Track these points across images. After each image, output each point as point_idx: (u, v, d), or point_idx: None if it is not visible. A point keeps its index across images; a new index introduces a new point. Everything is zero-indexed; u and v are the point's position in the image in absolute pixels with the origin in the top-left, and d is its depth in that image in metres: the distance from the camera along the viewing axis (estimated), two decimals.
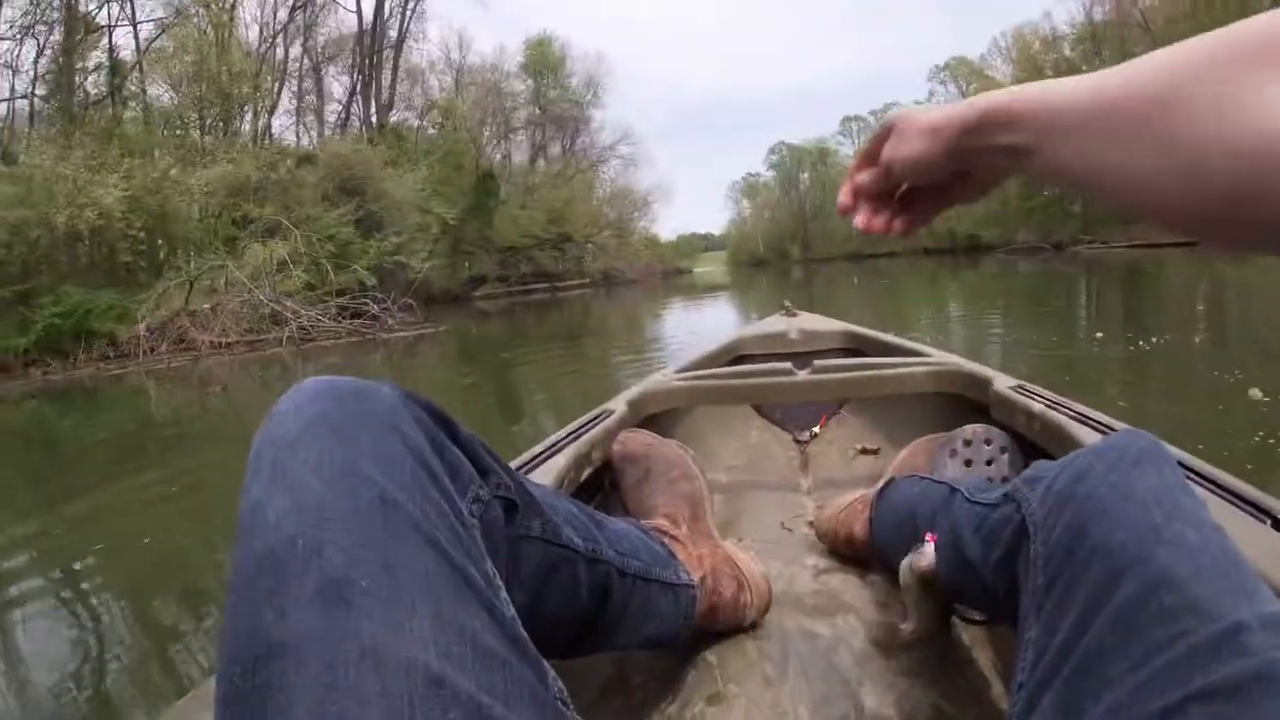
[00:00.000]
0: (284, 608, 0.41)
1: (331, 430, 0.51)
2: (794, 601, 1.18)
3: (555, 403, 6.11)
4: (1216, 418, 3.37)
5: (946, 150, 0.55)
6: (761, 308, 13.15)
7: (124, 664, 2.24)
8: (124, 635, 2.47)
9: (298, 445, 0.49)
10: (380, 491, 0.48)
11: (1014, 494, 0.78)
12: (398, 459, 0.51)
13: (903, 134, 0.58)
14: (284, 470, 0.48)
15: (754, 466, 1.91)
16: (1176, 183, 0.40)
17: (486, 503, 0.61)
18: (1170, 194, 0.40)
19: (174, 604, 2.73)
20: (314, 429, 0.50)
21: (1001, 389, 1.48)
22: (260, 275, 15.65)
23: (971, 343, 6.66)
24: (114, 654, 2.31)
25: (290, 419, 0.52)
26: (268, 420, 0.53)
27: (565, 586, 0.74)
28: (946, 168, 0.56)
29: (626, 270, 38.69)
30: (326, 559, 0.43)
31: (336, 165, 22.80)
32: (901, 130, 0.58)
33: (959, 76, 59.10)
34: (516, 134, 44.51)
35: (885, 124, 0.61)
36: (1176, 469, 0.67)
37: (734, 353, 2.37)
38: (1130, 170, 0.42)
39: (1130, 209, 0.45)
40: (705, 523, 1.18)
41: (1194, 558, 0.57)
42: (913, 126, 0.57)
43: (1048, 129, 0.47)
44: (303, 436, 0.50)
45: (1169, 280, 14.72)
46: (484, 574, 0.52)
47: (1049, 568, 0.66)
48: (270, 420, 0.53)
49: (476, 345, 12.77)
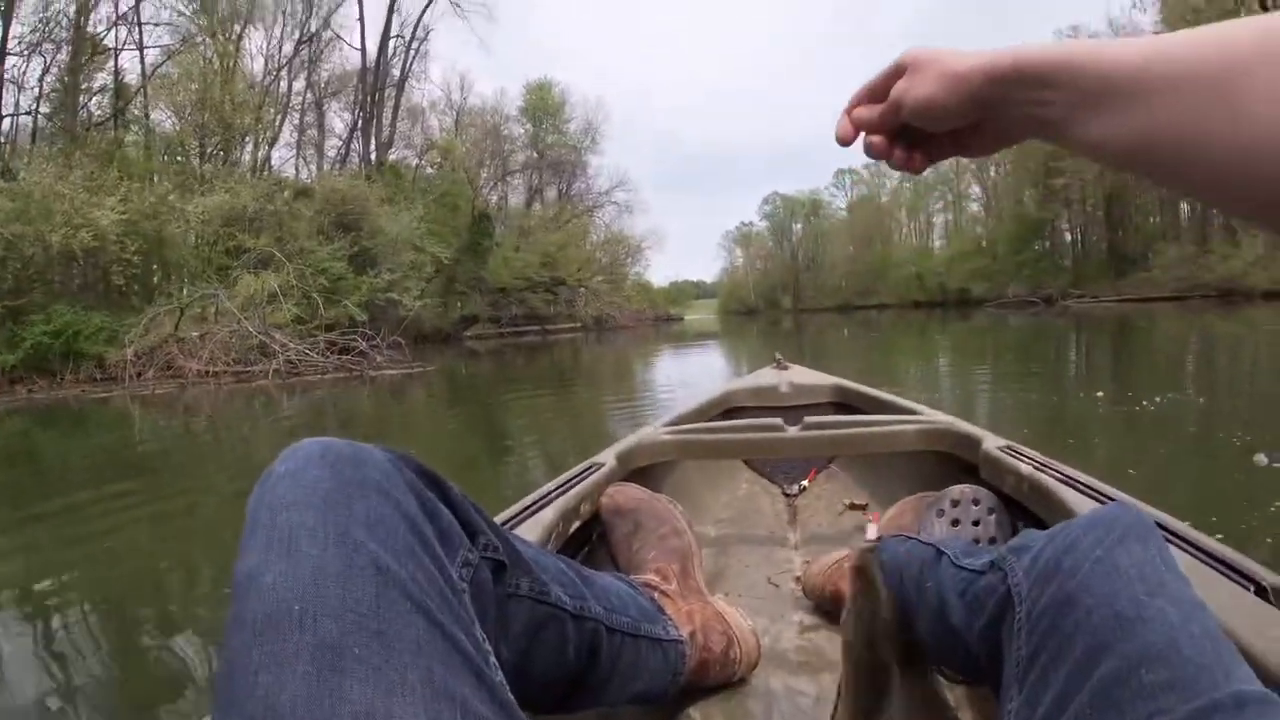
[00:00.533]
0: (279, 673, 0.42)
1: (327, 496, 0.52)
2: (779, 658, 1.18)
3: (544, 446, 6.09)
4: (1232, 485, 3.28)
5: (969, 99, 0.51)
6: (752, 358, 13.20)
7: (88, 689, 2.19)
8: (90, 657, 2.41)
9: (294, 510, 0.51)
10: (374, 559, 0.49)
11: (1001, 562, 0.79)
12: (391, 526, 0.53)
13: (921, 73, 0.54)
14: (280, 536, 0.49)
15: (743, 520, 1.91)
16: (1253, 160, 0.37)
17: (475, 565, 0.62)
18: (1243, 172, 0.37)
19: (146, 628, 2.68)
20: (310, 495, 0.52)
21: (990, 449, 1.49)
22: (250, 306, 15.65)
23: (968, 402, 6.53)
24: (79, 677, 2.25)
25: (286, 483, 0.53)
26: (263, 482, 0.54)
27: (553, 644, 0.74)
28: (964, 117, 0.53)
29: (618, 315, 38.83)
30: (321, 626, 0.44)
31: (333, 200, 22.91)
32: (920, 69, 0.54)
33: None
34: (514, 176, 45.06)
35: (900, 61, 0.57)
36: (1162, 544, 0.68)
37: (725, 405, 2.37)
38: (1198, 145, 0.39)
39: (1183, 188, 0.42)
40: (694, 578, 1.18)
41: (1175, 635, 0.58)
42: (933, 68, 0.53)
43: (1092, 95, 0.43)
44: (298, 502, 0.51)
45: (1161, 334, 14.91)
46: (473, 639, 0.53)
47: (1033, 639, 0.67)
48: (266, 483, 0.54)
49: (466, 386, 12.72)
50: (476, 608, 0.59)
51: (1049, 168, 42.91)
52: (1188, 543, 0.94)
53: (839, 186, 72.70)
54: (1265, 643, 0.70)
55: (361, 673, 0.43)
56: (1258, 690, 0.54)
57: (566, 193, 48.05)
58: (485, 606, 0.63)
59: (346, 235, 21.77)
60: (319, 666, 0.43)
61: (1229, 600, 0.78)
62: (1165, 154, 0.40)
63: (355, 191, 23.65)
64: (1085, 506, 1.12)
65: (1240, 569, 0.85)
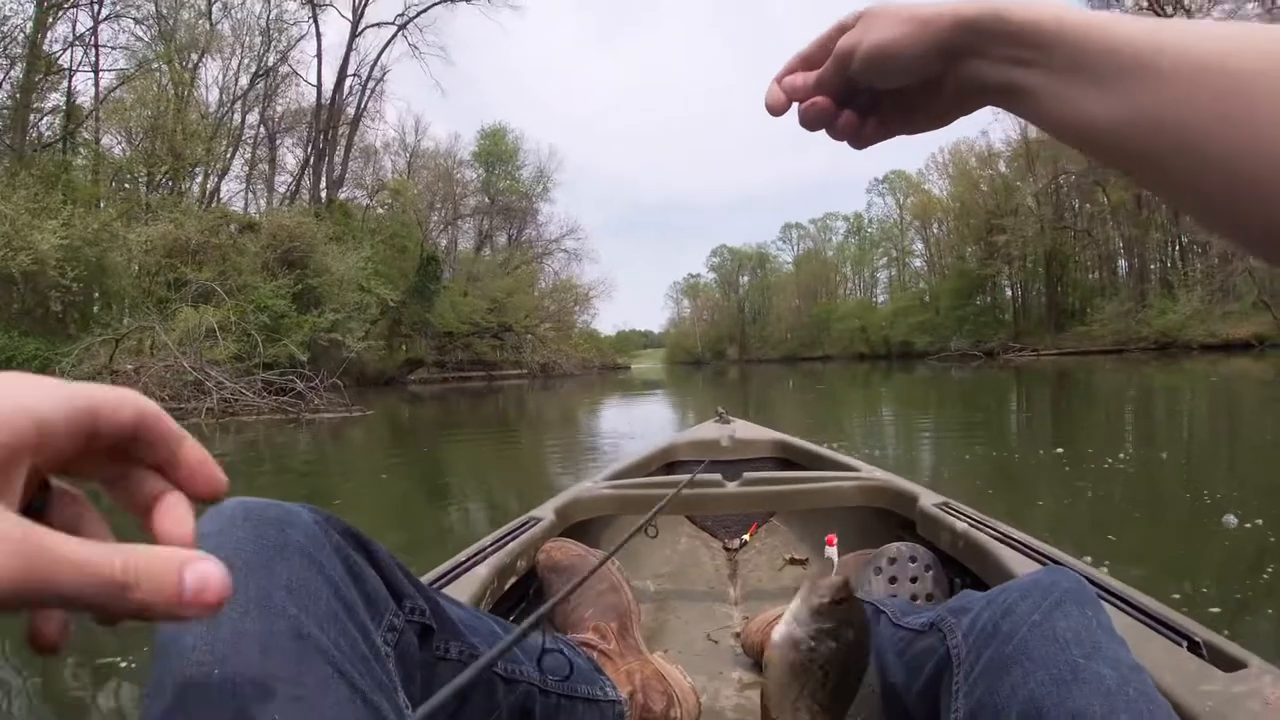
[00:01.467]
0: None
1: (249, 560, 0.51)
2: (718, 716, 1.18)
3: (484, 496, 5.98)
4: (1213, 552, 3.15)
5: (934, 46, 0.44)
6: (697, 409, 13.22)
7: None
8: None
9: None
10: (295, 624, 0.49)
11: (940, 624, 0.80)
12: (313, 590, 0.52)
13: (876, 19, 0.47)
14: None
15: (682, 575, 1.90)
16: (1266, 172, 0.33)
17: (401, 630, 0.62)
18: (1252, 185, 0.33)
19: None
20: (232, 559, 0.51)
21: (927, 506, 1.51)
22: (188, 341, 15.20)
23: (922, 460, 6.28)
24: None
25: (208, 546, 0.52)
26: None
27: (483, 707, 0.73)
28: (924, 68, 0.45)
29: (564, 363, 38.74)
30: (241, 690, 0.44)
31: (280, 236, 22.59)
32: (875, 16, 0.47)
33: (897, 189, 62.06)
34: (464, 221, 45.09)
35: (844, 19, 0.50)
36: (1099, 607, 0.70)
37: (666, 459, 2.38)
38: (1208, 144, 0.35)
39: (1170, 190, 0.38)
40: (633, 636, 1.18)
41: (1110, 699, 0.59)
42: (892, 13, 0.46)
43: (1087, 65, 0.39)
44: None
45: (1107, 386, 15.30)
46: (395, 706, 0.53)
47: (970, 700, 0.68)
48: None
49: (407, 431, 12.47)
50: (401, 672, 0.59)
51: (991, 225, 44.43)
52: (1123, 601, 0.97)
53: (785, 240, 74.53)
54: (1198, 699, 0.73)
55: None
56: None
57: (517, 239, 48.25)
58: (410, 671, 0.62)
59: (291, 272, 21.46)
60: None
61: (1164, 657, 0.81)
62: (1163, 147, 0.36)
63: (302, 228, 23.36)
64: (1021, 565, 1.14)
65: (1174, 625, 0.88)
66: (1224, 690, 0.73)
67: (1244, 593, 2.64)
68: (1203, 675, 0.77)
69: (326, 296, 22.49)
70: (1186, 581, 2.68)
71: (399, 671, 0.59)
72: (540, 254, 48.11)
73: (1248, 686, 0.73)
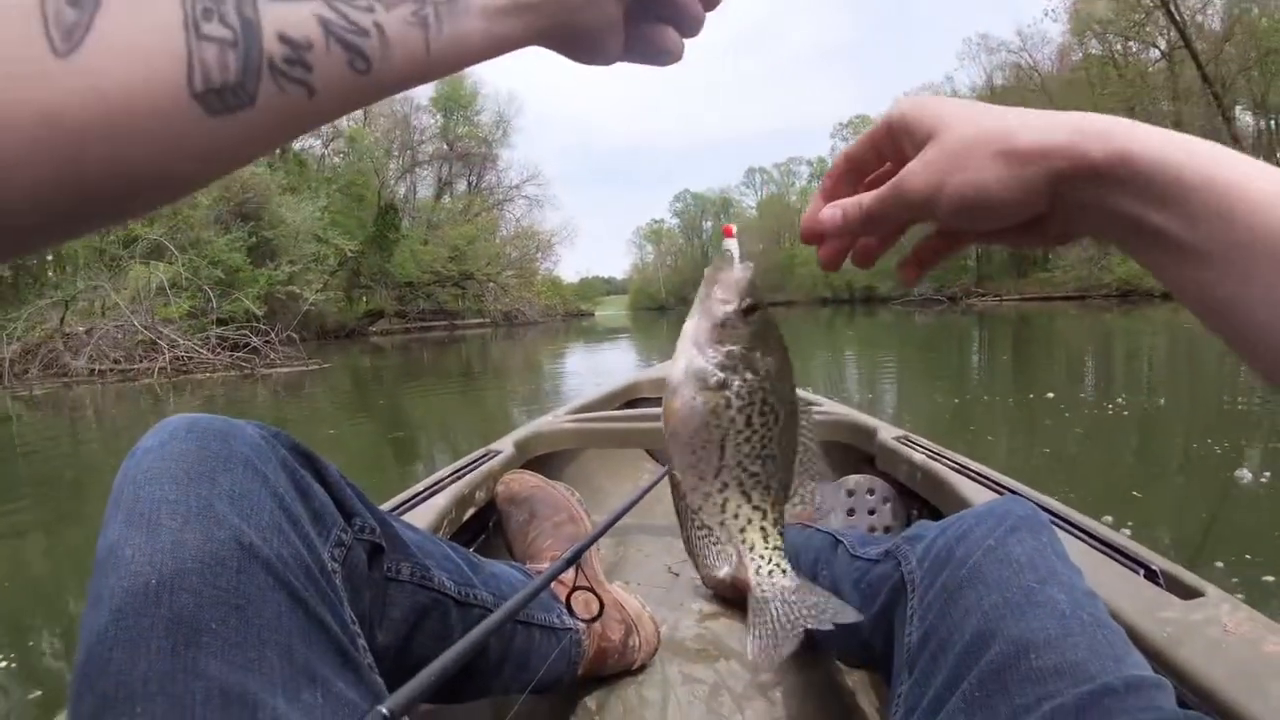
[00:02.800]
0: (133, 650, 0.42)
1: (190, 469, 0.50)
2: (677, 646, 1.18)
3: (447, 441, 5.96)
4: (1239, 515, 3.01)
5: (1045, 190, 0.37)
6: (662, 353, 13.22)
7: None
8: None
9: (156, 485, 0.49)
10: (236, 534, 0.48)
11: (895, 551, 0.81)
12: (256, 501, 0.51)
13: (957, 154, 0.38)
14: (141, 510, 0.48)
15: (643, 510, 1.89)
16: None
17: (349, 547, 0.61)
18: None
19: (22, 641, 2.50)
20: (174, 469, 0.50)
21: (885, 439, 1.52)
22: (139, 299, 14.77)
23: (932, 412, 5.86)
24: None
25: (151, 457, 0.52)
26: (129, 458, 0.52)
27: (436, 630, 0.73)
28: (1028, 214, 0.39)
29: (527, 311, 38.48)
30: (178, 600, 0.43)
31: (232, 188, 21.89)
32: (955, 148, 0.38)
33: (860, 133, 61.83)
34: (423, 168, 44.07)
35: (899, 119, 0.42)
36: (1054, 535, 0.70)
37: (629, 396, 2.37)
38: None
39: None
40: (592, 566, 1.17)
41: (1064, 622, 0.59)
42: (980, 148, 0.38)
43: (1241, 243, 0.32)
44: (162, 476, 0.50)
45: (1079, 331, 15.50)
46: (340, 620, 0.52)
47: (924, 624, 0.68)
48: (131, 458, 0.52)
49: (370, 381, 12.27)
50: (349, 590, 0.59)
51: None
52: (1081, 530, 0.97)
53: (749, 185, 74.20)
54: (1155, 624, 0.73)
55: (217, 648, 0.43)
56: (1149, 675, 0.56)
57: (477, 186, 47.33)
58: (359, 589, 0.62)
59: (245, 225, 20.88)
60: (174, 641, 0.42)
61: (1121, 585, 0.81)
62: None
63: (255, 179, 22.65)
64: (979, 495, 1.15)
65: (1131, 554, 0.89)
66: (1182, 618, 0.73)
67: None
68: (1160, 602, 0.77)
69: (282, 249, 21.99)
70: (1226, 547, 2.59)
71: (346, 588, 0.58)
72: (501, 200, 47.34)
73: (1205, 614, 0.73)
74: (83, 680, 0.42)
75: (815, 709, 1.01)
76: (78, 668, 0.43)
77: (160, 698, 0.40)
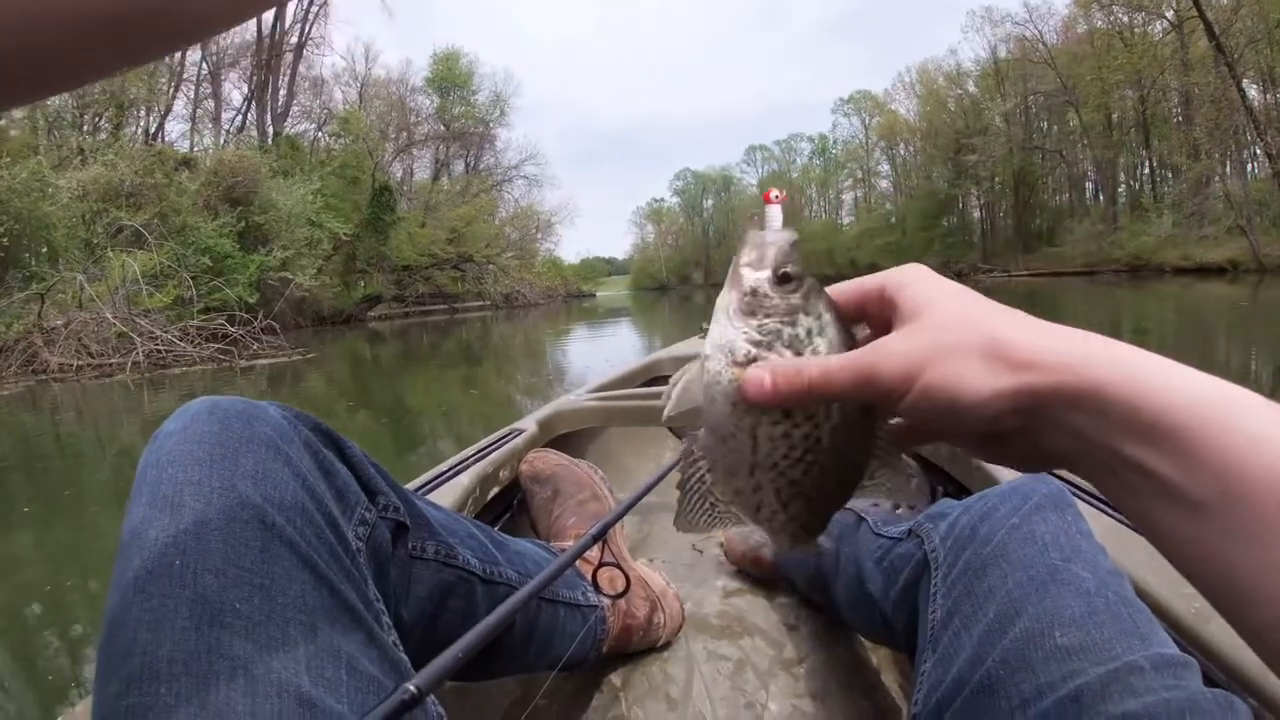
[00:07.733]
0: (158, 629, 0.42)
1: (213, 451, 0.51)
2: (701, 623, 1.20)
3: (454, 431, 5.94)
4: None
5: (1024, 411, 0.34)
6: (667, 335, 13.20)
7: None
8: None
9: (179, 466, 0.49)
10: (259, 513, 0.49)
11: (918, 529, 0.82)
12: (280, 481, 0.52)
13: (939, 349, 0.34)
14: (165, 491, 0.48)
15: (667, 487, 1.86)
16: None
17: (373, 525, 0.60)
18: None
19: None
20: (197, 450, 0.50)
21: None
22: (117, 290, 14.16)
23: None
24: None
25: (174, 440, 0.51)
26: (152, 441, 0.53)
27: (461, 609, 0.73)
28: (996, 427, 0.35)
29: (528, 292, 38.43)
30: (201, 580, 0.44)
31: (221, 172, 21.58)
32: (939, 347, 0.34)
33: (862, 109, 61.61)
34: (420, 149, 43.90)
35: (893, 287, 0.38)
36: (1079, 514, 0.70)
37: (650, 374, 2.38)
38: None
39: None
40: (616, 544, 1.18)
41: (1089, 600, 0.59)
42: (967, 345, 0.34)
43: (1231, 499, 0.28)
44: (185, 458, 0.50)
45: (1079, 305, 15.65)
46: (365, 598, 0.52)
47: (948, 602, 0.68)
48: (154, 441, 0.53)
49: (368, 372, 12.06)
50: (374, 568, 0.59)
51: (959, 144, 44.24)
52: (1110, 506, 0.95)
53: (750, 163, 74.10)
54: (1181, 601, 0.73)
55: (241, 627, 0.44)
56: (1175, 653, 0.55)
57: (474, 166, 47.24)
58: (384, 567, 0.62)
59: (235, 210, 20.61)
60: (198, 621, 0.43)
61: (1149, 560, 0.79)
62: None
63: (245, 163, 22.36)
64: (1004, 473, 1.15)
65: None
66: None
67: None
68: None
69: (274, 233, 21.65)
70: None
71: (371, 566, 0.58)
72: (500, 181, 47.24)
73: None
74: (107, 661, 0.42)
75: (839, 686, 1.01)
76: (102, 649, 0.43)
77: (185, 678, 0.41)
